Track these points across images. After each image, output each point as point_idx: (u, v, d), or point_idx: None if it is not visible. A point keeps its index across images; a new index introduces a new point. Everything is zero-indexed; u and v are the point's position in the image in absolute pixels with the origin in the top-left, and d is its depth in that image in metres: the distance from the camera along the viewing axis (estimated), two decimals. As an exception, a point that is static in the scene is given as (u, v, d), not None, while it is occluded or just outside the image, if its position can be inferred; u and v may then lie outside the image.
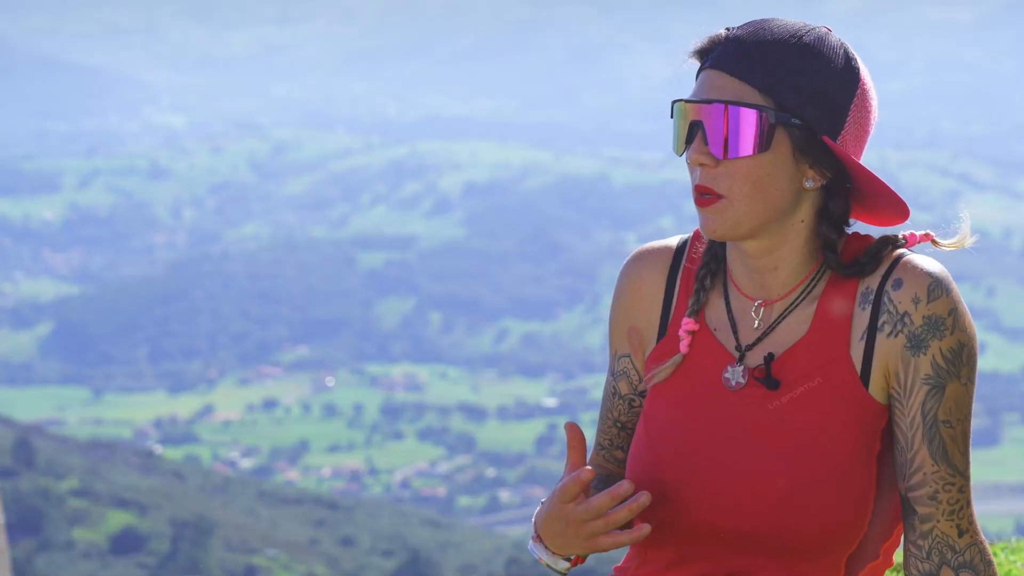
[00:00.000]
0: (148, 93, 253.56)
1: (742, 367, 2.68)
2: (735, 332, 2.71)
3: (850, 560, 2.65)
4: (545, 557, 2.72)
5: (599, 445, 2.91)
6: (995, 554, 5.71)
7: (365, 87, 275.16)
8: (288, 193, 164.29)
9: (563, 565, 2.74)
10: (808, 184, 2.63)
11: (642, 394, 2.84)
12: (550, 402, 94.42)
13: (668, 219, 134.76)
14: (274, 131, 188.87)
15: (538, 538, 2.73)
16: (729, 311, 2.72)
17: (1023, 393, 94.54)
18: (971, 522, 2.61)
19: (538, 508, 2.72)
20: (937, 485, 2.59)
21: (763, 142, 2.58)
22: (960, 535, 2.60)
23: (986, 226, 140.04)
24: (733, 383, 2.68)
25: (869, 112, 2.65)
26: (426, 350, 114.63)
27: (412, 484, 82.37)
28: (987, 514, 68.80)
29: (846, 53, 2.64)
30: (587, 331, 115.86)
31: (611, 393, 2.88)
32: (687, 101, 2.63)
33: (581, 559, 2.74)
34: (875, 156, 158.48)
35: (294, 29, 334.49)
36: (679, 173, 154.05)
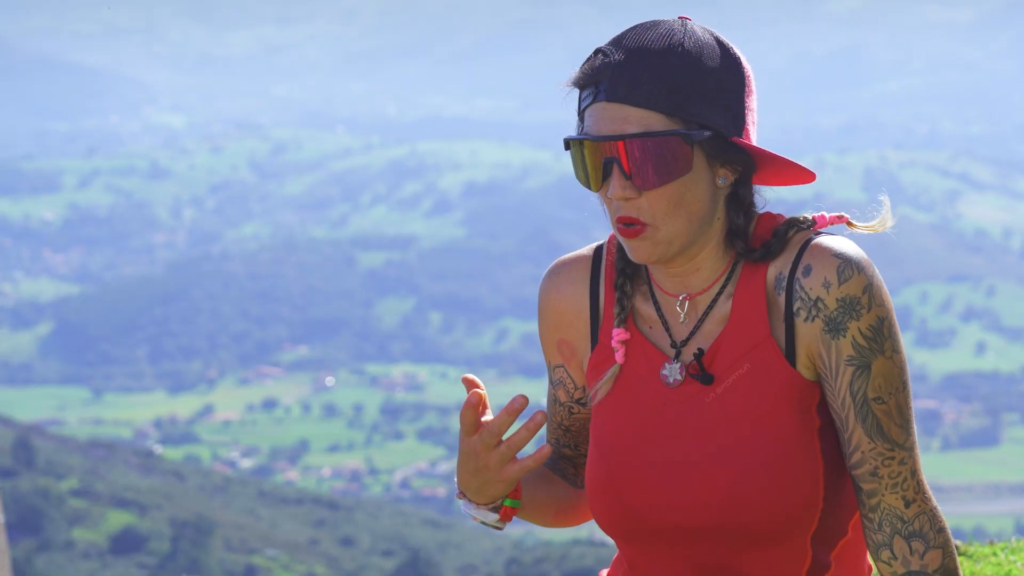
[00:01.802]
0: (148, 93, 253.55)
1: (679, 364, 2.68)
2: (667, 329, 2.71)
3: (816, 539, 2.65)
4: (473, 511, 2.74)
5: (548, 444, 2.93)
6: (995, 554, 5.71)
7: (365, 87, 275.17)
8: (288, 193, 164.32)
9: (492, 517, 2.75)
10: (721, 183, 2.62)
11: (579, 400, 2.88)
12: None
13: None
14: (274, 131, 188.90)
15: (463, 494, 2.74)
16: (658, 309, 2.72)
17: (1023, 393, 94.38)
18: (918, 491, 2.60)
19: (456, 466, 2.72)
20: (876, 461, 2.59)
21: (684, 165, 2.56)
22: (907, 505, 2.60)
23: (986, 226, 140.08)
24: (671, 380, 2.68)
25: (753, 90, 2.64)
26: (426, 350, 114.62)
27: (412, 484, 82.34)
28: (987, 514, 68.77)
29: (719, 42, 2.61)
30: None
31: (552, 400, 2.95)
32: (595, 139, 2.57)
33: (510, 511, 2.75)
34: (875, 156, 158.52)
35: (294, 29, 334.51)
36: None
